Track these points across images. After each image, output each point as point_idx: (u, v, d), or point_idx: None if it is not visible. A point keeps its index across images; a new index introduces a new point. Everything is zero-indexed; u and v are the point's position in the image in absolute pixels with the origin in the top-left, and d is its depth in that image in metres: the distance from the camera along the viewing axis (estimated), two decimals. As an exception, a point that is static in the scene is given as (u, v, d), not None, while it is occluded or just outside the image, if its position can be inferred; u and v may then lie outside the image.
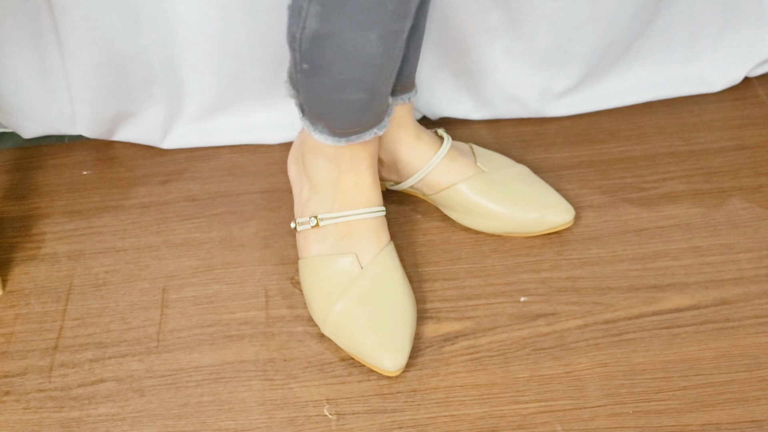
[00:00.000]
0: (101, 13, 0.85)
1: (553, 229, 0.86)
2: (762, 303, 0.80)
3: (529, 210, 0.85)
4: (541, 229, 0.85)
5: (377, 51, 0.66)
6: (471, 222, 0.87)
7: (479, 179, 0.85)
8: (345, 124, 0.74)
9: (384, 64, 0.69)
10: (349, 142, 0.75)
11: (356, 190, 0.79)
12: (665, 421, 0.71)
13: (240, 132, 0.99)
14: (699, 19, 0.98)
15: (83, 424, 0.74)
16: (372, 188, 0.79)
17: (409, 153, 0.85)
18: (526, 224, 0.85)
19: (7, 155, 1.02)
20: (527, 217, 0.85)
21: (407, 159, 0.86)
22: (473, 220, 0.86)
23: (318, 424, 0.73)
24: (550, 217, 0.85)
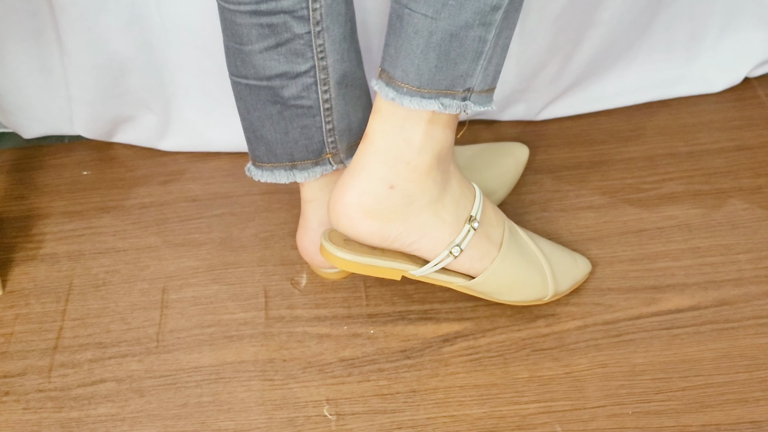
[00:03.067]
0: (98, 13, 0.85)
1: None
2: (762, 304, 0.80)
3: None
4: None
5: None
6: None
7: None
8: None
9: None
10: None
11: (459, 173, 0.75)
12: (665, 421, 0.71)
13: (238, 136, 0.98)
14: (699, 19, 0.98)
15: (83, 424, 0.74)
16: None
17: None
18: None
19: (7, 155, 1.02)
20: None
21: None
22: None
23: (318, 425, 0.73)
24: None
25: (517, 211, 0.90)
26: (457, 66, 0.65)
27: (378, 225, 0.70)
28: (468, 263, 0.73)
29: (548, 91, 0.97)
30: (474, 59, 0.65)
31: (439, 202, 0.71)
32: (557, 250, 0.80)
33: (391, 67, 0.66)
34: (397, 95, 0.66)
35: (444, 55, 0.65)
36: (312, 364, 0.77)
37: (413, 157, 0.68)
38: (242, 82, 0.72)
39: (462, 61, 0.65)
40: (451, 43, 0.64)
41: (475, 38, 0.64)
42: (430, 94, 0.66)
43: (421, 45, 0.64)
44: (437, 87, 0.66)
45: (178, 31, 0.88)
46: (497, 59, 0.67)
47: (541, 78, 0.95)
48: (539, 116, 1.00)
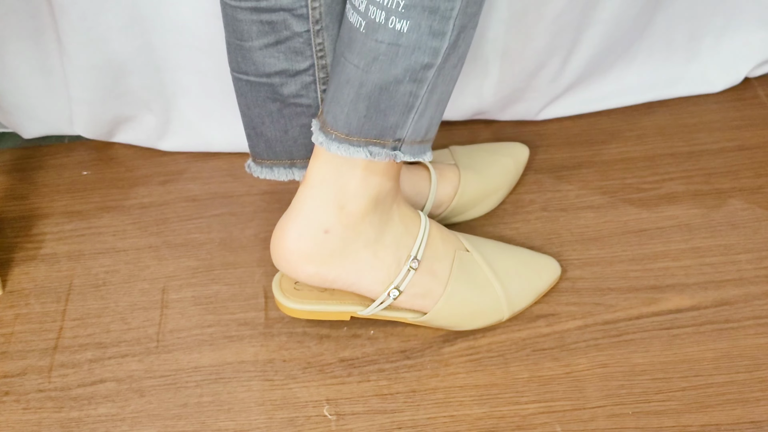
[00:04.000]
0: (98, 14, 0.85)
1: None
2: (762, 304, 0.80)
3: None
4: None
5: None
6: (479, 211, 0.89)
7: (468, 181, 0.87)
8: (436, 129, 0.72)
9: None
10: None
11: (407, 207, 0.75)
12: (665, 421, 0.71)
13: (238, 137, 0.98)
14: (699, 19, 0.98)
15: (83, 424, 0.74)
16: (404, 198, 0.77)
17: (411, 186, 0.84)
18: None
19: (7, 155, 1.02)
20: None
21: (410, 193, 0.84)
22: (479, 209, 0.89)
23: (318, 425, 0.73)
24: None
25: (517, 210, 0.90)
26: (386, 117, 0.66)
27: (316, 268, 0.72)
28: (411, 301, 0.74)
29: (548, 91, 0.97)
30: (404, 112, 0.66)
31: (378, 243, 0.72)
32: (516, 267, 0.79)
33: (326, 111, 0.68)
34: (326, 140, 0.67)
35: (373, 106, 0.65)
36: (312, 364, 0.77)
37: (348, 201, 0.69)
38: (243, 78, 0.72)
39: (392, 113, 0.65)
40: (381, 96, 0.64)
41: (405, 93, 0.64)
42: (358, 142, 0.67)
43: (351, 94, 0.65)
44: (366, 135, 0.66)
45: (178, 32, 0.88)
46: (431, 112, 0.68)
47: (541, 78, 0.95)
48: (539, 116, 1.00)
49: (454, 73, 0.67)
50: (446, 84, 0.67)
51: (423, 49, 0.62)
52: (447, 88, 0.67)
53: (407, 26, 0.61)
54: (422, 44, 0.62)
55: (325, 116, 0.68)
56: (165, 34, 0.89)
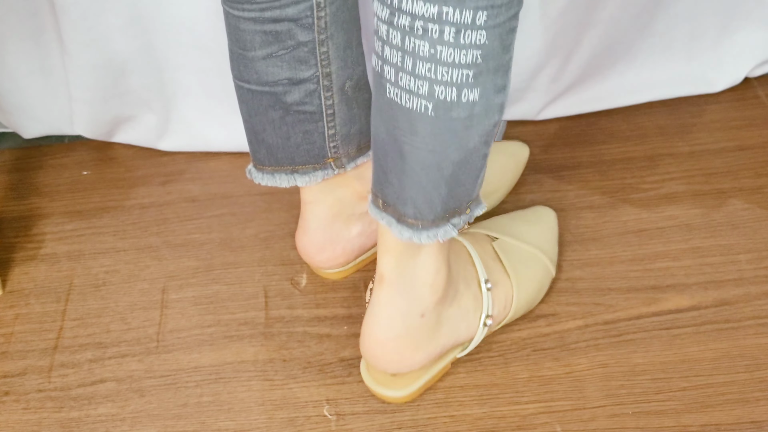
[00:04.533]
0: (99, 13, 0.85)
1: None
2: (762, 304, 0.80)
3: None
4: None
5: None
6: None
7: None
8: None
9: None
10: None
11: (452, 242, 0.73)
12: (665, 421, 0.71)
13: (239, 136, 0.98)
14: (699, 19, 0.98)
15: (83, 424, 0.74)
16: None
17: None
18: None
19: (7, 155, 1.02)
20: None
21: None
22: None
23: (318, 425, 0.73)
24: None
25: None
26: (465, 187, 0.63)
27: (424, 353, 0.71)
28: (499, 316, 0.76)
29: (548, 91, 0.97)
30: (477, 175, 0.64)
31: (457, 291, 0.72)
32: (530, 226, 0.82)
33: (399, 203, 0.64)
34: (414, 234, 0.64)
35: (454, 182, 0.62)
36: (312, 364, 0.77)
37: (433, 279, 0.68)
38: (245, 86, 0.72)
39: (469, 181, 0.63)
40: (461, 170, 0.61)
41: (480, 157, 0.62)
42: (442, 222, 0.64)
43: (432, 179, 0.61)
44: (448, 212, 0.64)
45: (178, 31, 0.88)
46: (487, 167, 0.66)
47: (541, 78, 0.95)
48: (539, 116, 1.00)
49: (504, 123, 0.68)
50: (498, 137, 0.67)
51: (493, 109, 0.59)
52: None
53: (478, 93, 0.58)
54: (491, 105, 0.59)
55: (400, 208, 0.64)
56: (165, 34, 0.89)
